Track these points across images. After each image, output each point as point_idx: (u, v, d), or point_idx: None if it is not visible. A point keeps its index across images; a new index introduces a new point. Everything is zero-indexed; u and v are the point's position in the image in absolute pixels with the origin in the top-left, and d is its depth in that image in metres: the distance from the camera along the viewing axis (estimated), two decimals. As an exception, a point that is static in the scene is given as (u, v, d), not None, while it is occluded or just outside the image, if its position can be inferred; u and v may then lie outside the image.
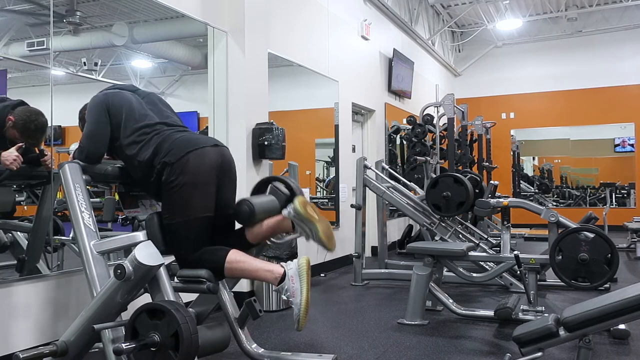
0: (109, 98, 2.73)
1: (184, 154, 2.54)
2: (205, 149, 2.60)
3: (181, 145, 2.57)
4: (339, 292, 5.10)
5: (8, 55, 5.21)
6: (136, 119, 2.69)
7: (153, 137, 2.64)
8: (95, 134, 2.68)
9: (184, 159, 2.53)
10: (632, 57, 11.11)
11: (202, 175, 2.56)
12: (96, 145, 2.68)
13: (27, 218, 3.35)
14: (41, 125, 2.94)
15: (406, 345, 3.34)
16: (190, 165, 2.53)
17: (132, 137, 2.65)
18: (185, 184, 2.51)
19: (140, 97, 2.83)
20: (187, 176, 2.52)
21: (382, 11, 8.13)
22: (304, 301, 2.41)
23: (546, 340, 2.13)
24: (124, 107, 2.71)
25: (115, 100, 2.72)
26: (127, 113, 2.69)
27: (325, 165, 7.99)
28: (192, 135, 2.73)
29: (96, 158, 2.71)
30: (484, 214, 4.88)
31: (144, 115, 2.72)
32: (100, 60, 6.58)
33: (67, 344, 2.32)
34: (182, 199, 2.52)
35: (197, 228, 2.55)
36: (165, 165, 2.53)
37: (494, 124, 9.57)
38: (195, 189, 2.53)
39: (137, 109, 2.73)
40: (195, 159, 2.55)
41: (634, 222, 7.67)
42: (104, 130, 2.67)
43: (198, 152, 2.57)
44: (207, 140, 2.69)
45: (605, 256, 3.48)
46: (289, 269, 2.47)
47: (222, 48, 4.52)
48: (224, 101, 4.51)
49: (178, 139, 2.62)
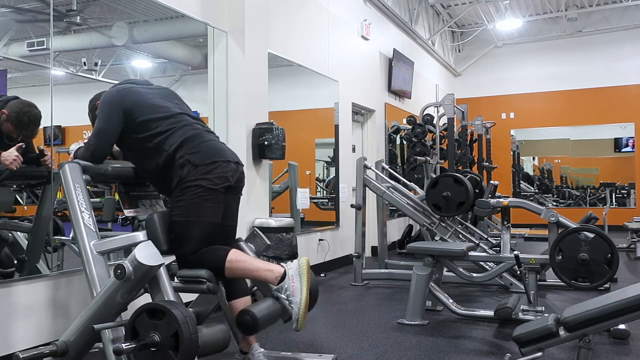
0: (121, 94, 2.70)
1: (210, 162, 2.58)
2: (230, 164, 2.67)
3: (210, 152, 2.62)
4: (339, 292, 5.10)
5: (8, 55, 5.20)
6: (158, 110, 2.68)
7: (183, 126, 2.65)
8: (105, 132, 2.66)
9: (210, 167, 2.58)
10: (632, 57, 11.11)
11: (220, 187, 2.60)
12: (104, 144, 2.68)
13: (27, 218, 3.35)
14: (34, 117, 2.94)
15: (406, 345, 3.34)
16: (214, 174, 2.58)
17: (159, 127, 2.63)
18: (204, 188, 2.55)
19: (155, 90, 2.83)
20: (207, 182, 2.56)
21: (382, 11, 8.14)
22: (303, 300, 2.41)
23: (546, 340, 2.13)
24: (142, 99, 2.70)
25: (131, 95, 2.70)
26: (147, 105, 2.68)
27: (325, 165, 7.98)
28: (221, 144, 2.76)
29: (102, 157, 2.70)
30: (484, 214, 4.88)
31: (165, 106, 2.72)
32: (100, 60, 6.57)
33: (67, 344, 2.32)
34: (197, 201, 2.55)
35: (203, 230, 2.56)
36: (188, 163, 2.55)
37: (494, 124, 9.57)
38: (211, 195, 2.57)
39: (157, 100, 2.73)
40: (220, 170, 2.60)
41: (634, 222, 7.67)
42: (115, 128, 2.65)
43: (224, 164, 2.63)
44: (232, 156, 2.73)
45: (605, 256, 3.48)
46: (289, 268, 2.48)
47: (222, 48, 4.52)
48: (224, 101, 4.51)
49: (208, 143, 2.66)
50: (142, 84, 2.86)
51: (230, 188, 2.68)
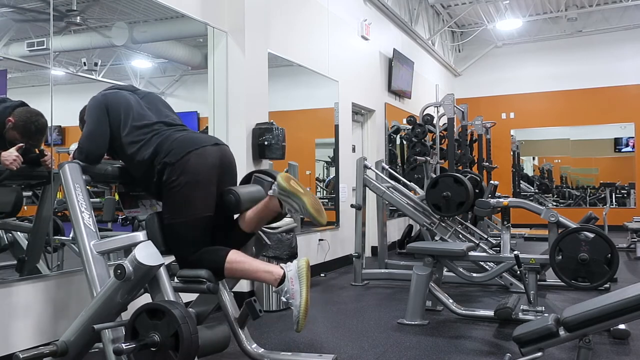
0: (107, 98, 2.74)
1: (184, 154, 2.53)
2: (206, 148, 2.60)
3: (182, 145, 2.57)
4: (339, 292, 5.10)
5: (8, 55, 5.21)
6: (135, 118, 2.69)
7: (153, 137, 2.63)
8: (94, 134, 2.68)
9: (185, 159, 2.53)
10: (632, 57, 11.11)
11: (203, 175, 2.56)
12: (96, 146, 2.68)
13: (27, 218, 3.35)
14: (41, 127, 2.94)
15: (406, 345, 3.34)
16: (191, 165, 2.53)
17: (131, 136, 2.65)
18: (187, 183, 2.52)
19: (140, 97, 2.84)
20: (188, 176, 2.52)
21: (382, 11, 8.13)
22: (303, 303, 2.40)
23: (546, 340, 2.13)
24: (123, 106, 2.71)
25: (114, 100, 2.72)
26: (125, 113, 2.69)
27: (325, 165, 7.99)
28: (192, 134, 2.73)
29: (96, 158, 2.70)
30: (484, 214, 4.88)
31: (143, 114, 2.72)
32: (100, 60, 6.58)
33: (67, 344, 2.32)
34: (183, 199, 2.53)
35: (197, 228, 2.55)
36: (166, 165, 2.53)
37: (494, 124, 9.57)
38: (196, 189, 2.54)
39: (136, 108, 2.73)
40: (196, 158, 2.55)
41: (634, 222, 7.67)
42: (104, 131, 2.67)
43: (199, 151, 2.57)
44: (208, 139, 2.69)
45: (605, 256, 3.48)
46: (288, 270, 2.46)
47: (222, 48, 4.52)
48: (224, 101, 4.51)
49: (178, 138, 2.62)
50: (128, 89, 2.87)
51: (220, 171, 2.65)
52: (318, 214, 2.60)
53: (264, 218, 2.73)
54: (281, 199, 2.62)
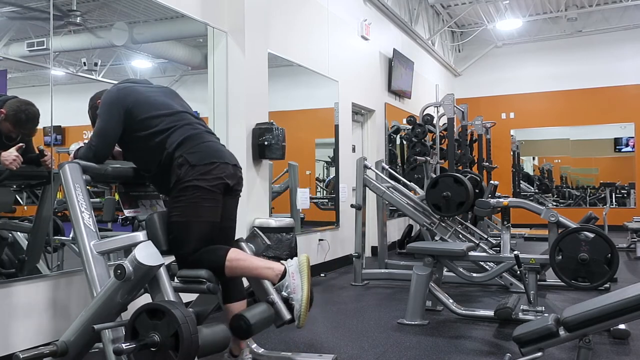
0: (123, 91, 2.71)
1: (208, 162, 2.58)
2: (228, 166, 2.67)
3: (208, 152, 2.62)
4: (339, 292, 5.10)
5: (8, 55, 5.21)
6: (159, 107, 2.68)
7: (185, 125, 2.65)
8: (107, 132, 2.66)
9: (207, 167, 2.57)
10: (632, 57, 11.11)
11: (217, 187, 2.60)
12: (107, 144, 2.68)
13: (27, 218, 3.35)
14: (32, 115, 2.94)
15: (406, 345, 3.34)
16: (212, 174, 2.57)
17: (160, 125, 2.63)
18: (202, 188, 2.55)
19: (156, 89, 2.84)
20: (205, 182, 2.55)
21: (382, 11, 8.14)
22: (304, 297, 2.41)
23: (546, 340, 2.13)
24: (142, 97, 2.70)
25: (132, 93, 2.70)
26: (147, 103, 2.68)
27: (325, 165, 7.98)
28: (219, 145, 2.76)
29: (104, 156, 2.70)
30: (484, 214, 4.88)
31: (167, 103, 2.73)
32: (100, 60, 6.58)
33: (67, 344, 2.32)
34: (193, 202, 2.54)
35: (202, 231, 2.56)
36: (186, 163, 2.55)
37: (494, 124, 9.57)
38: (209, 196, 2.57)
39: (159, 98, 2.73)
40: (218, 171, 2.60)
41: (634, 222, 7.67)
42: (116, 129, 2.65)
43: (222, 166, 2.62)
44: (230, 158, 2.73)
45: (605, 256, 3.48)
46: (289, 265, 2.49)
47: (222, 48, 4.52)
48: (224, 101, 4.51)
49: (207, 144, 2.66)
50: (142, 83, 2.86)
51: (228, 190, 2.68)
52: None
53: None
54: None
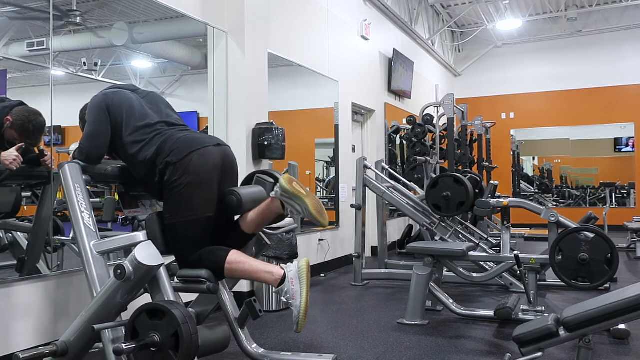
0: (108, 98, 2.73)
1: (186, 154, 2.53)
2: (208, 148, 2.60)
3: (184, 145, 2.57)
4: (339, 292, 5.10)
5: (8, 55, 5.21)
6: (137, 118, 2.68)
7: (155, 136, 2.63)
8: (95, 134, 2.67)
9: (187, 159, 2.53)
10: (632, 57, 11.11)
11: (205, 175, 2.56)
12: (96, 145, 2.68)
13: (27, 218, 3.35)
14: (39, 126, 2.94)
15: (406, 345, 3.34)
16: (193, 165, 2.53)
17: (133, 136, 2.64)
18: (188, 183, 2.51)
19: (141, 96, 2.83)
20: (190, 176, 2.52)
21: (382, 11, 8.13)
22: (303, 304, 2.40)
23: (546, 340, 2.13)
24: (124, 106, 2.70)
25: (115, 100, 2.72)
26: (127, 112, 2.69)
27: (325, 165, 7.99)
28: (194, 134, 2.73)
29: (96, 158, 2.70)
30: (484, 214, 4.88)
31: (145, 114, 2.72)
32: (100, 60, 6.58)
33: (67, 344, 2.32)
34: (184, 199, 2.52)
35: (198, 228, 2.55)
36: (168, 165, 2.53)
37: (493, 124, 9.57)
38: (197, 189, 2.54)
39: (138, 108, 2.73)
40: (198, 158, 2.55)
41: (634, 222, 7.66)
42: (104, 130, 2.67)
43: (201, 151, 2.56)
44: (210, 140, 2.69)
45: (605, 256, 3.47)
46: (289, 271, 2.46)
47: (222, 48, 4.52)
48: (224, 101, 4.51)
49: (180, 138, 2.62)
50: (130, 88, 2.86)
51: (222, 171, 2.64)
52: (320, 216, 2.60)
53: (265, 219, 2.73)
54: (283, 200, 2.62)
